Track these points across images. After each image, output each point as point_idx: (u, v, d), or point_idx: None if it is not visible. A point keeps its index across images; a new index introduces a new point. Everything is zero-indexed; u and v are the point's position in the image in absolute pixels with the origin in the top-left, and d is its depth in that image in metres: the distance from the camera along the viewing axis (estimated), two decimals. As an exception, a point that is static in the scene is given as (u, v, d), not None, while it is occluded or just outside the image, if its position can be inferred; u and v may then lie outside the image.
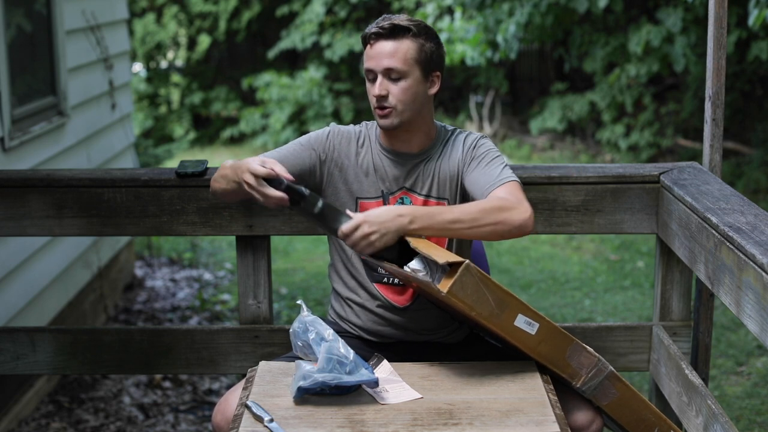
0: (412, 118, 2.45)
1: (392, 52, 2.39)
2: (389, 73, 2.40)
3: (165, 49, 12.85)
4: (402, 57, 2.39)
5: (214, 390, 4.54)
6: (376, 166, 2.50)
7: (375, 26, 2.42)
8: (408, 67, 2.40)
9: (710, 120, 2.80)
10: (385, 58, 2.39)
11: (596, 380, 2.30)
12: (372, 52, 2.41)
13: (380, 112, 2.42)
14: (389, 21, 2.41)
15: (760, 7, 5.34)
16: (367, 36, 2.43)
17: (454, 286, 2.13)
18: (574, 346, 2.28)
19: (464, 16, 10.10)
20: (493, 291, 2.18)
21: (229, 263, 6.76)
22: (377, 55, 2.40)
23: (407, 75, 2.40)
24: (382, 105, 2.41)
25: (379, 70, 2.40)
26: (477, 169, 2.45)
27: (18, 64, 4.41)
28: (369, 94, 2.46)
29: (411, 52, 2.40)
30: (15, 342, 2.99)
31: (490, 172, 2.42)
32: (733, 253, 2.21)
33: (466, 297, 2.15)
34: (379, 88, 2.40)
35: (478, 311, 2.17)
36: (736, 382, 4.54)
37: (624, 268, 6.59)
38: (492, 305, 2.18)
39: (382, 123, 2.44)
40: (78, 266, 5.04)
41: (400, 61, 2.39)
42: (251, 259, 2.93)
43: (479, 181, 2.42)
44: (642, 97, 10.04)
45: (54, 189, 2.91)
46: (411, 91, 2.42)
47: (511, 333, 2.22)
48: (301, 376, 2.14)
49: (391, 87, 2.41)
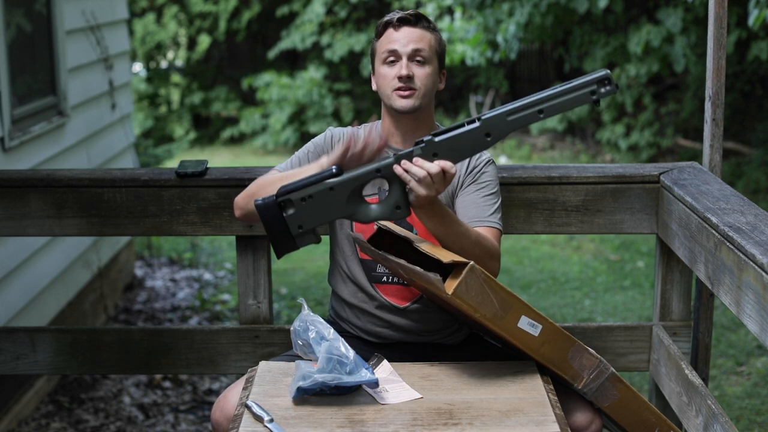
0: (426, 106, 2.48)
1: (420, 37, 2.45)
2: (415, 56, 2.44)
3: (165, 49, 12.86)
4: (428, 44, 2.46)
5: (214, 390, 4.54)
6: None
7: (398, 13, 2.47)
8: (432, 54, 2.47)
9: (710, 120, 2.80)
10: (413, 42, 2.44)
11: (597, 382, 2.30)
12: (397, 35, 2.45)
13: (403, 93, 2.44)
14: (413, 10, 2.46)
15: (760, 7, 5.34)
16: (389, 22, 2.47)
17: (458, 288, 2.14)
18: (576, 348, 2.28)
19: (464, 16, 10.09)
20: (497, 292, 2.18)
21: (229, 263, 6.76)
22: (404, 38, 2.44)
23: (430, 62, 2.46)
24: (407, 86, 2.43)
25: (406, 52, 2.44)
26: (472, 195, 2.48)
27: (18, 64, 4.41)
28: (384, 78, 2.46)
29: (433, 42, 2.48)
30: (15, 342, 2.99)
31: (485, 207, 2.46)
32: (733, 253, 2.21)
33: (470, 298, 2.16)
34: (407, 68, 2.43)
35: (482, 313, 2.17)
36: (736, 382, 4.54)
37: (624, 268, 6.59)
38: (496, 307, 2.18)
39: (402, 104, 2.45)
40: (78, 266, 5.04)
41: (427, 46, 2.45)
42: (251, 259, 2.93)
43: (470, 209, 2.46)
44: (642, 97, 10.04)
45: (54, 189, 2.91)
46: (431, 78, 2.47)
47: (514, 335, 2.22)
48: (300, 377, 2.14)
49: (416, 70, 2.45)
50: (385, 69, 2.47)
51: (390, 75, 2.45)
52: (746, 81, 9.39)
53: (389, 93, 2.46)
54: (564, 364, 2.28)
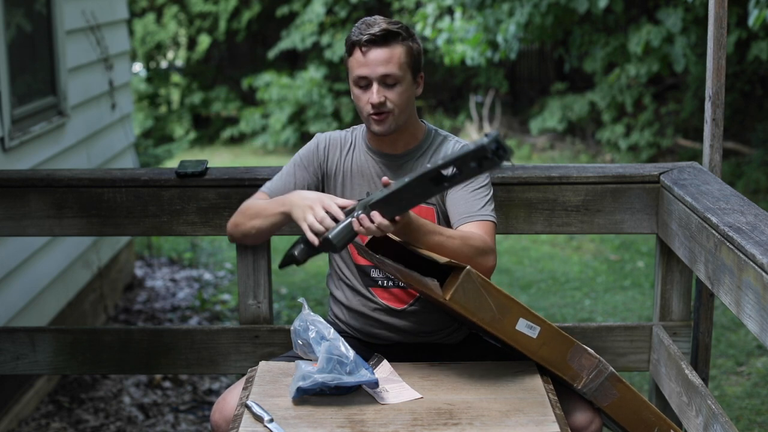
0: (404, 120, 2.45)
1: (387, 59, 2.38)
2: (385, 80, 2.39)
3: (165, 49, 12.85)
4: (397, 63, 2.39)
5: (214, 390, 4.54)
6: (363, 169, 2.52)
7: (365, 33, 2.39)
8: (402, 72, 2.40)
9: (710, 120, 2.80)
10: (380, 65, 2.38)
11: (597, 382, 2.30)
12: (366, 60, 2.39)
13: (377, 117, 2.41)
14: (379, 27, 2.39)
15: (760, 7, 5.34)
16: (357, 42, 2.40)
17: (455, 293, 2.13)
18: (575, 348, 2.28)
19: (464, 16, 10.09)
20: (495, 296, 2.18)
21: (229, 263, 6.76)
22: (373, 62, 2.38)
23: (402, 80, 2.40)
24: (380, 111, 2.40)
25: (375, 77, 2.39)
26: (461, 192, 2.45)
27: (18, 64, 4.41)
28: (359, 101, 2.44)
29: (403, 56, 2.41)
30: (15, 342, 2.99)
31: (474, 202, 2.43)
32: (733, 253, 2.21)
33: (467, 303, 2.15)
34: (378, 95, 2.38)
35: (479, 317, 2.17)
36: (736, 382, 4.54)
37: (624, 268, 6.59)
38: (493, 310, 2.18)
39: (379, 129, 2.43)
40: (78, 266, 5.04)
41: (396, 67, 2.39)
42: (251, 259, 2.93)
43: (459, 206, 2.43)
44: (642, 97, 10.04)
45: (54, 189, 2.91)
46: (405, 95, 2.42)
47: (512, 337, 2.22)
48: (300, 377, 2.14)
49: (387, 93, 2.40)
50: (358, 92, 2.44)
51: (363, 99, 2.42)
52: (746, 81, 9.39)
53: (365, 116, 2.45)
54: (563, 364, 2.28)
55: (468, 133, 11.42)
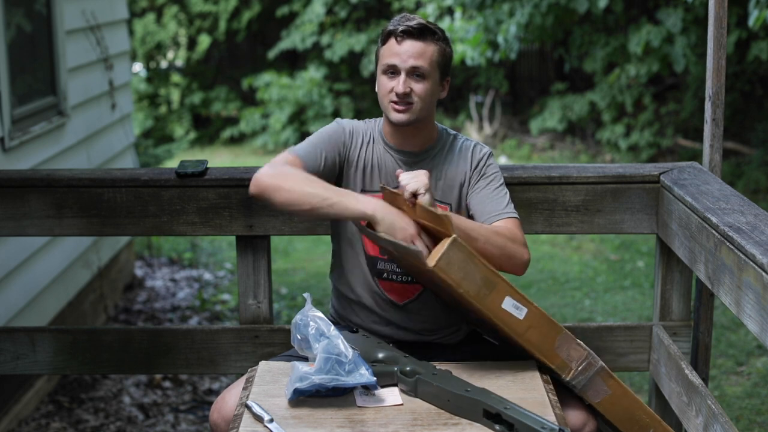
0: (423, 117, 2.48)
1: (420, 53, 2.42)
2: (414, 72, 2.43)
3: (165, 49, 12.85)
4: (429, 59, 2.43)
5: (214, 390, 4.54)
6: (381, 163, 2.52)
7: (402, 24, 2.43)
8: (431, 68, 2.44)
9: (710, 120, 2.80)
10: (413, 57, 2.42)
11: (586, 375, 2.29)
12: (399, 49, 2.43)
13: (399, 107, 2.44)
14: (417, 21, 2.44)
15: (760, 8, 5.34)
16: (393, 32, 2.44)
17: (441, 260, 2.14)
18: (563, 336, 2.27)
19: (464, 16, 10.10)
20: (481, 269, 2.19)
21: (229, 263, 6.76)
22: (405, 53, 2.42)
23: (429, 76, 2.44)
24: (405, 101, 2.43)
25: (405, 67, 2.42)
26: (485, 191, 2.50)
27: (18, 64, 4.41)
28: (383, 87, 2.46)
29: (435, 55, 2.45)
30: (15, 342, 2.98)
31: (499, 200, 2.49)
32: (733, 253, 2.21)
33: (453, 272, 2.16)
34: (404, 85, 2.42)
35: (465, 288, 2.17)
36: (736, 382, 4.54)
37: (624, 268, 6.59)
38: (479, 284, 2.18)
39: (397, 118, 2.45)
40: (78, 266, 5.04)
41: (426, 62, 2.43)
42: (251, 259, 2.93)
43: (485, 206, 2.48)
44: (642, 97, 10.05)
45: (54, 189, 2.91)
46: (430, 92, 2.45)
47: (498, 315, 2.22)
48: (297, 378, 2.13)
49: (414, 85, 2.43)
50: (385, 80, 2.47)
51: (388, 87, 2.45)
52: (746, 81, 9.39)
53: (386, 104, 2.47)
54: (551, 352, 2.27)
55: (468, 133, 11.42)
